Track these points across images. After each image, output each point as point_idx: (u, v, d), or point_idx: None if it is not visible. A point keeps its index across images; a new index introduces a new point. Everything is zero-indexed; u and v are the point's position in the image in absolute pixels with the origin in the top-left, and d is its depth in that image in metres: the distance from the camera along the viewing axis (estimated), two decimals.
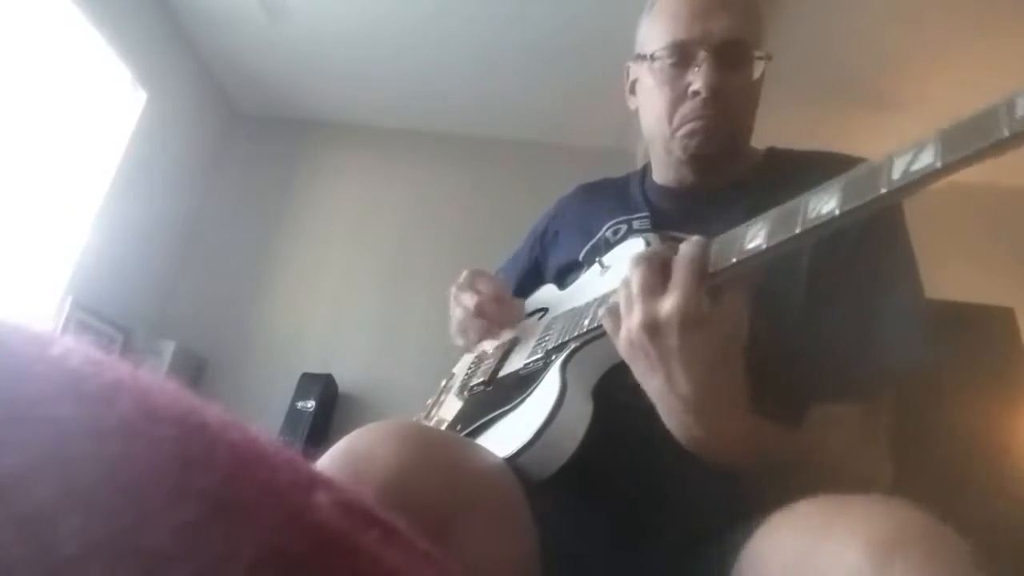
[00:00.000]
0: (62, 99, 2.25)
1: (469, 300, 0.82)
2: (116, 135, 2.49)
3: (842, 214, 0.47)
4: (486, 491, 0.53)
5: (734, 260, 0.52)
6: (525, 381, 0.72)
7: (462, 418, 0.79)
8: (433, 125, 3.13)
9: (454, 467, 0.52)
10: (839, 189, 0.48)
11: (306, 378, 2.58)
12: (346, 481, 0.44)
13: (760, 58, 0.77)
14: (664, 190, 0.87)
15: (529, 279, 0.97)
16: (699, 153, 0.78)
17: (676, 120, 0.78)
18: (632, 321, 0.55)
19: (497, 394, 0.76)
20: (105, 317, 2.46)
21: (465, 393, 0.84)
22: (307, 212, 3.06)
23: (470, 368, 0.91)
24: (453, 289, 0.87)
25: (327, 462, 0.47)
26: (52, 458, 0.18)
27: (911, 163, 0.43)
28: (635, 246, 0.74)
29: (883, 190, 0.44)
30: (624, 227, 0.84)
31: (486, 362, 0.86)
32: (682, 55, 0.76)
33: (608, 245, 0.82)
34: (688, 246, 0.55)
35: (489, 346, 0.90)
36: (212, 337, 2.78)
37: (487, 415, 0.72)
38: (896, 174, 0.44)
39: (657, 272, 0.55)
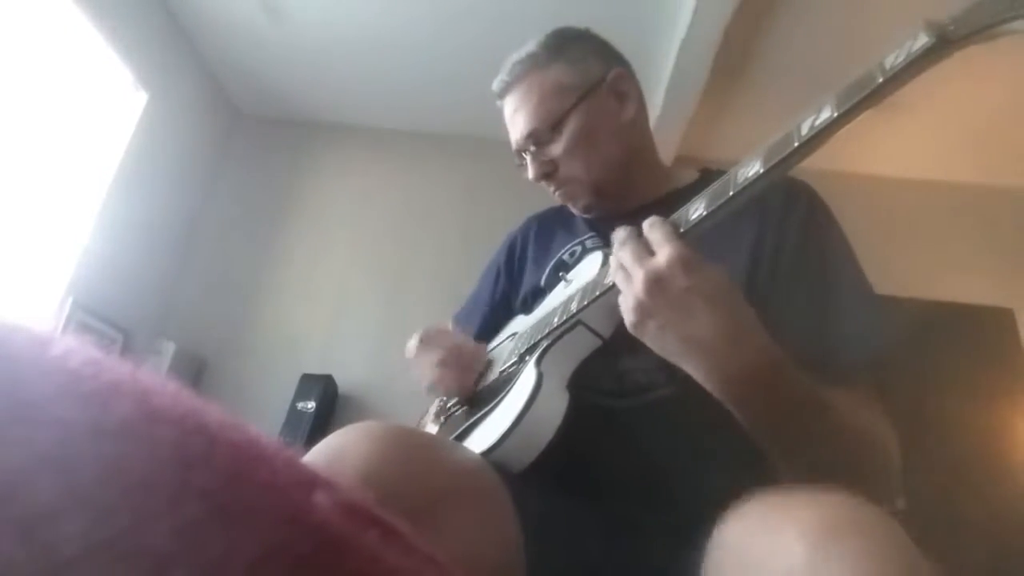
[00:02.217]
0: (63, 99, 2.25)
1: (434, 355, 0.85)
2: (117, 135, 2.49)
3: (766, 171, 0.56)
4: (462, 486, 0.54)
5: (681, 231, 0.60)
6: (502, 384, 0.74)
7: (444, 435, 0.80)
8: (433, 126, 3.14)
9: (428, 463, 0.52)
10: (760, 154, 0.57)
11: (306, 379, 2.58)
12: None
13: (565, 118, 0.86)
14: (600, 217, 0.93)
15: (496, 314, 0.99)
16: (579, 206, 0.91)
17: (549, 191, 0.92)
18: (637, 285, 0.57)
19: (476, 404, 0.78)
20: (105, 318, 2.46)
21: (442, 418, 0.87)
22: (307, 213, 3.06)
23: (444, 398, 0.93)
24: (412, 348, 0.90)
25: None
26: (52, 458, 0.18)
27: (815, 120, 0.54)
28: (595, 259, 0.79)
29: (796, 144, 0.54)
30: (579, 248, 0.89)
31: None
32: (518, 156, 0.93)
33: (567, 267, 0.86)
34: (649, 220, 0.61)
35: None
36: (212, 338, 2.78)
37: (468, 421, 0.73)
38: (804, 130, 0.54)
39: (642, 242, 0.60)
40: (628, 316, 0.60)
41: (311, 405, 2.50)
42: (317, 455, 0.49)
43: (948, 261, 2.84)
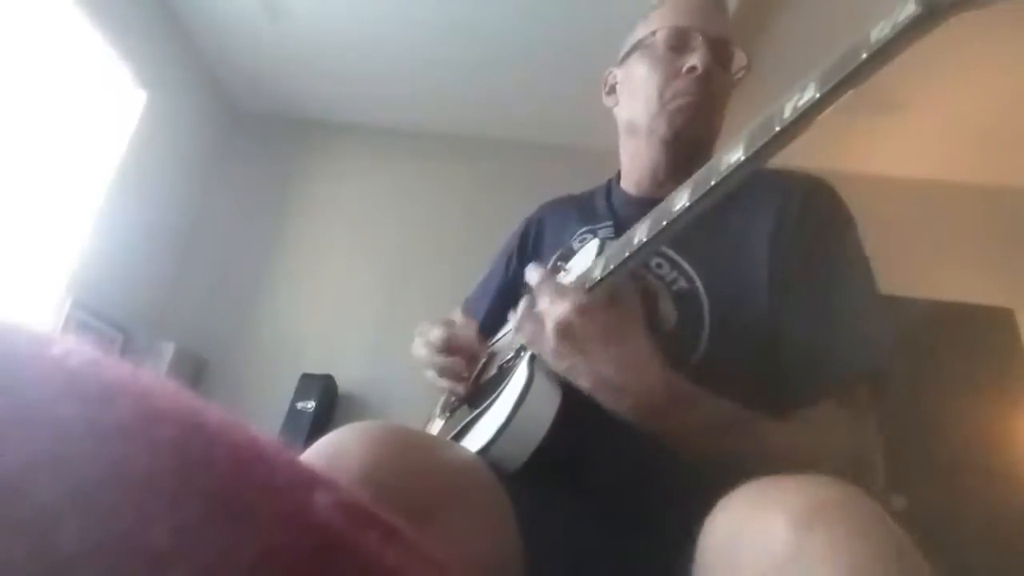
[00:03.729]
0: (62, 99, 2.25)
1: (427, 354, 0.85)
2: (116, 135, 2.49)
3: (747, 159, 0.54)
4: (459, 486, 0.54)
5: (664, 223, 0.60)
6: (498, 381, 0.74)
7: (446, 431, 0.81)
8: (433, 125, 3.13)
9: (426, 464, 0.53)
10: (743, 139, 0.55)
11: (306, 378, 2.58)
12: None
13: (740, 69, 0.87)
14: (631, 199, 0.91)
15: (504, 300, 0.98)
16: (683, 131, 0.83)
17: (668, 94, 0.83)
18: (547, 331, 0.64)
19: (477, 399, 0.78)
20: (105, 317, 2.46)
21: (447, 412, 0.87)
22: (307, 212, 3.06)
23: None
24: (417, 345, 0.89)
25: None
26: (52, 458, 0.18)
27: (798, 101, 0.51)
28: (590, 249, 0.78)
29: (777, 128, 0.51)
30: (589, 236, 0.87)
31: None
32: (680, 40, 0.84)
33: (573, 254, 0.85)
34: (550, 279, 0.68)
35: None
36: (212, 337, 2.78)
37: (466, 418, 0.74)
38: (787, 113, 0.52)
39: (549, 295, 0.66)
40: (552, 364, 0.65)
41: (311, 405, 2.50)
42: (315, 455, 0.49)
43: (948, 261, 2.84)
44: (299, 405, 2.51)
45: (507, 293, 0.99)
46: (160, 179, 2.74)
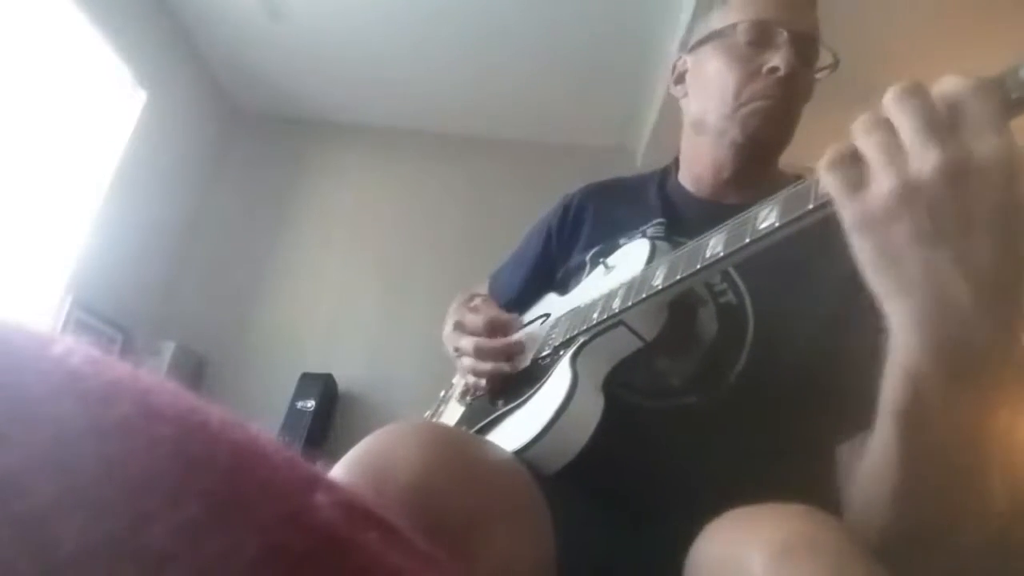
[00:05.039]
0: (62, 99, 2.25)
1: (468, 343, 0.78)
2: (116, 135, 2.49)
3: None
4: (507, 490, 0.53)
5: (747, 240, 0.53)
6: (533, 377, 0.71)
7: (467, 420, 0.78)
8: (433, 125, 3.13)
9: (475, 467, 0.51)
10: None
11: (306, 378, 2.58)
12: (368, 485, 0.44)
13: (824, 68, 0.79)
14: (688, 197, 0.85)
15: (536, 278, 0.95)
16: (756, 135, 0.77)
17: (745, 95, 0.76)
18: (928, 161, 0.39)
19: (505, 393, 0.75)
20: (105, 317, 2.46)
21: (467, 398, 0.83)
22: (307, 212, 3.06)
23: None
24: (447, 329, 0.85)
25: (347, 466, 0.47)
26: (52, 457, 0.18)
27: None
28: (640, 248, 0.73)
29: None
30: (637, 233, 0.82)
31: None
32: (762, 34, 0.76)
33: (617, 247, 0.80)
34: (976, 83, 0.41)
35: None
36: (212, 337, 2.78)
37: (494, 412, 0.71)
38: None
39: (941, 110, 0.41)
40: (867, 200, 0.41)
41: (311, 404, 2.50)
42: (365, 453, 0.48)
43: None
44: (299, 404, 2.51)
45: (540, 270, 0.94)
46: (160, 179, 2.74)
